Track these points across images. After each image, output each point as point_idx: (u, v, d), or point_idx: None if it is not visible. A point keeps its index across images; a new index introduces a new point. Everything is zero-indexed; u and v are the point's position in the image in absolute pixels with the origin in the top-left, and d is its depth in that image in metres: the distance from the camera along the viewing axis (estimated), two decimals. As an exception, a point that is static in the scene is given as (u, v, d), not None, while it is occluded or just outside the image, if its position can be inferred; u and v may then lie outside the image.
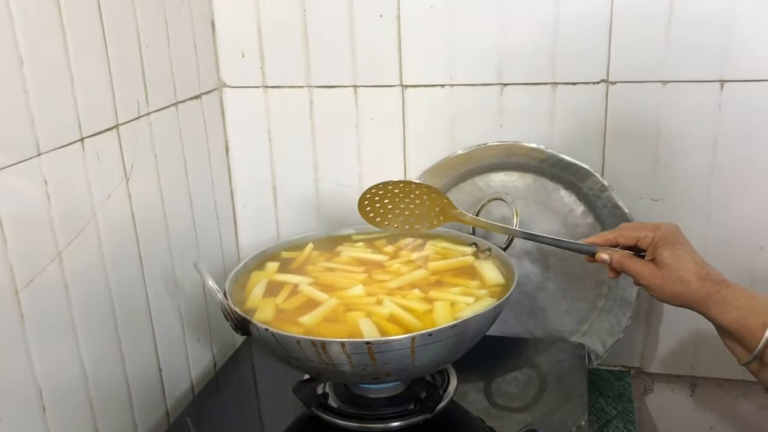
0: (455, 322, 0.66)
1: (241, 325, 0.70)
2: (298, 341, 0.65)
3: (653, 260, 0.69)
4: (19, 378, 0.61)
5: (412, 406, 0.76)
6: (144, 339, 0.81)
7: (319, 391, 0.79)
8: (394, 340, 0.64)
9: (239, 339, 0.99)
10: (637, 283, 0.71)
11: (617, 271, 0.72)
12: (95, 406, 0.71)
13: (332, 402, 0.78)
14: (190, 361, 0.90)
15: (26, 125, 0.61)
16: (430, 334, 0.64)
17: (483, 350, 0.89)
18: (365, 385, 0.78)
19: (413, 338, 0.64)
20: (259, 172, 0.99)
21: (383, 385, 0.77)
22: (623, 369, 0.95)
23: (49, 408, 0.65)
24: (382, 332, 0.67)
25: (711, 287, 0.65)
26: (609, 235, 0.73)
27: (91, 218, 0.70)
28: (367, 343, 0.64)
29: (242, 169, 1.00)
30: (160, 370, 0.84)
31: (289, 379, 0.81)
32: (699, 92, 0.82)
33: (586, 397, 0.80)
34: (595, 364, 0.90)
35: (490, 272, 0.78)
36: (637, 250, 0.71)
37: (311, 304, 0.74)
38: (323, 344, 0.64)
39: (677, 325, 0.91)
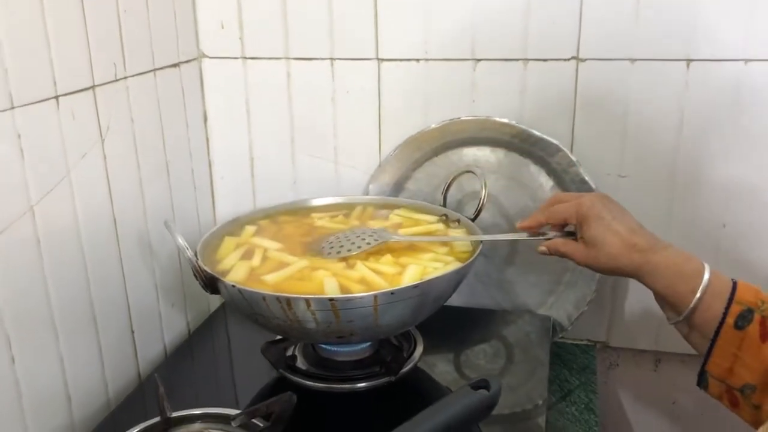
0: (417, 282, 0.67)
1: (210, 283, 0.71)
2: (264, 297, 0.67)
3: (582, 238, 0.71)
4: (-11, 326, 0.63)
5: (377, 369, 0.78)
6: (117, 301, 0.82)
7: (288, 353, 0.81)
8: (356, 297, 0.66)
9: (213, 305, 1.00)
10: (574, 261, 0.73)
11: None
12: (65, 363, 0.73)
13: (300, 364, 0.80)
14: (163, 325, 0.92)
15: (0, 78, 0.62)
16: (392, 293, 0.66)
17: (451, 320, 0.92)
18: (332, 348, 0.80)
19: (375, 296, 0.66)
20: (237, 143, 1.01)
21: (350, 348, 0.79)
22: (589, 343, 0.97)
23: (17, 355, 0.66)
24: (349, 292, 0.69)
25: (640, 258, 0.67)
26: (540, 217, 0.76)
27: (64, 176, 0.71)
28: (331, 299, 0.65)
29: (220, 140, 1.01)
30: (132, 332, 0.85)
31: (262, 343, 0.82)
32: (666, 71, 0.84)
33: (547, 367, 0.82)
34: (560, 336, 0.93)
35: (460, 241, 0.79)
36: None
37: (283, 267, 0.75)
38: (288, 300, 0.66)
39: (642, 300, 0.93)
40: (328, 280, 0.70)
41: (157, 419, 0.70)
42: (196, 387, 0.81)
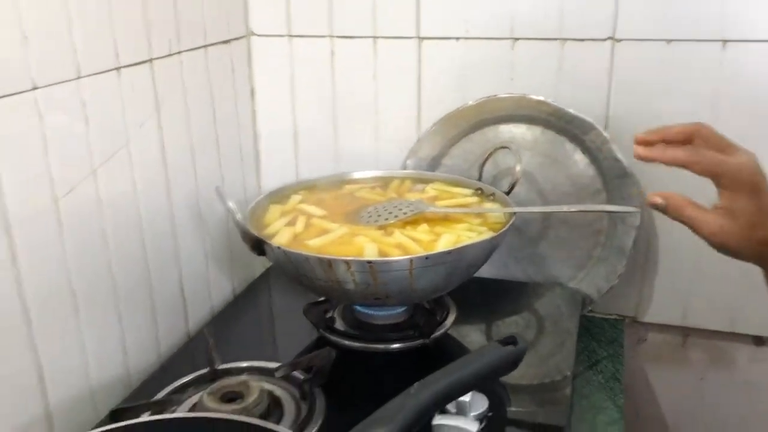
0: (451, 248, 0.71)
1: (257, 245, 0.76)
2: (307, 259, 0.71)
3: (724, 207, 0.58)
4: (56, 278, 0.68)
5: (411, 332, 0.82)
6: (169, 264, 0.87)
7: (328, 315, 0.86)
8: (393, 261, 0.70)
9: (257, 272, 1.06)
10: (696, 233, 0.60)
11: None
12: (123, 317, 0.78)
13: (339, 326, 0.85)
14: (211, 288, 0.97)
15: (69, 49, 0.67)
16: (427, 258, 0.70)
17: (483, 291, 0.95)
18: (369, 311, 0.84)
19: (411, 260, 0.70)
20: (282, 118, 1.05)
21: (386, 311, 0.83)
22: (618, 318, 0.99)
23: (82, 312, 0.72)
24: (387, 256, 0.73)
25: None
26: (680, 154, 0.60)
27: (124, 144, 0.77)
28: (369, 262, 0.70)
29: (266, 115, 1.06)
30: (183, 294, 0.91)
31: (303, 307, 0.87)
32: (701, 51, 0.86)
33: (575, 340, 0.85)
34: (590, 309, 0.95)
35: (495, 213, 0.83)
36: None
37: (325, 233, 0.80)
38: (330, 262, 0.70)
39: (672, 276, 0.95)
40: (368, 245, 0.74)
41: (205, 370, 0.75)
42: (240, 345, 0.86)
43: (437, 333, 0.82)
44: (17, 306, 0.63)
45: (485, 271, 0.95)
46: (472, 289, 0.94)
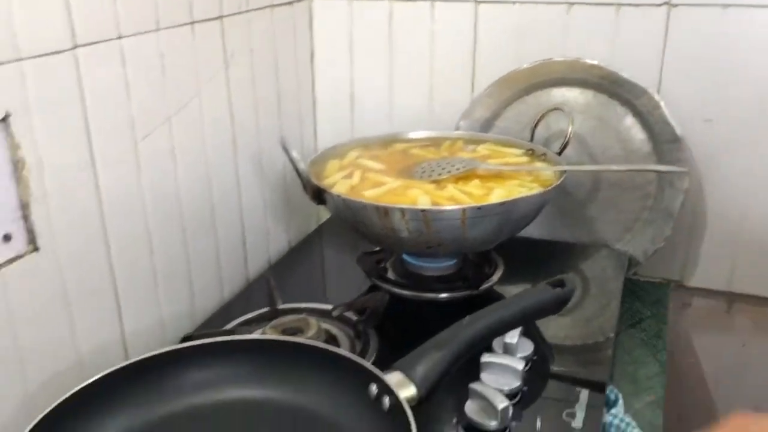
0: (503, 200, 0.74)
1: (318, 194, 0.80)
2: (365, 207, 0.75)
3: None
4: (134, 217, 0.74)
5: (460, 284, 0.85)
6: (232, 213, 0.93)
7: (381, 265, 0.90)
8: (446, 210, 0.74)
9: (312, 227, 1.10)
10: None
11: None
12: (191, 258, 0.84)
13: (390, 275, 0.89)
14: (269, 240, 1.02)
15: (151, 4, 0.72)
16: (479, 208, 0.73)
17: (530, 250, 0.98)
18: (420, 262, 0.88)
19: (464, 210, 0.73)
20: (340, 79, 1.09)
21: (436, 263, 0.87)
22: (663, 282, 1.01)
23: (156, 255, 0.77)
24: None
25: None
26: None
27: (196, 94, 0.81)
28: (423, 210, 0.73)
29: (325, 76, 1.10)
30: (244, 242, 0.96)
31: (355, 259, 0.91)
32: (758, 16, 0.86)
33: (619, 302, 0.87)
34: (635, 271, 0.97)
35: (546, 171, 0.85)
36: None
37: (381, 186, 0.84)
38: (385, 210, 0.74)
39: (719, 241, 0.96)
40: (421, 196, 0.78)
41: (266, 309, 0.80)
42: (297, 290, 0.91)
43: (485, 285, 0.85)
44: (101, 240, 0.69)
45: (533, 231, 0.98)
46: (519, 247, 0.97)
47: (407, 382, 0.54)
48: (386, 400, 0.54)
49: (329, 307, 0.78)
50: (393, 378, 0.55)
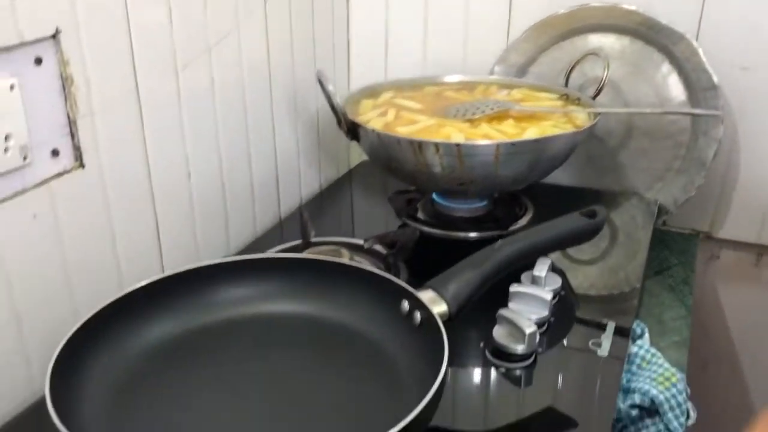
0: (537, 137, 0.75)
1: (352, 128, 0.82)
2: (399, 141, 0.76)
3: None
4: (173, 146, 0.76)
5: (489, 225, 0.86)
6: (267, 150, 0.94)
7: (411, 205, 0.91)
8: (480, 145, 0.74)
9: (343, 170, 1.12)
10: None
11: None
12: (226, 192, 0.86)
13: (420, 215, 0.90)
14: (301, 180, 1.04)
15: (193, -68, 0.73)
16: (513, 144, 0.74)
17: (560, 197, 0.98)
18: (450, 204, 0.89)
19: (498, 145, 0.74)
20: (375, 22, 1.09)
21: (466, 204, 0.88)
22: (692, 232, 1.01)
23: (194, 183, 0.79)
24: (473, 143, 0.78)
25: None
26: None
27: (235, 28, 0.83)
28: (457, 145, 0.74)
29: (360, 19, 1.10)
30: (277, 180, 0.98)
31: (384, 202, 0.92)
32: (804, -38, 0.85)
33: (647, 251, 0.87)
34: (664, 219, 0.98)
35: (579, 114, 0.86)
36: None
37: (414, 124, 0.84)
38: (420, 144, 0.75)
39: (750, 192, 0.96)
40: (455, 133, 0.79)
41: (298, 241, 0.82)
42: (328, 227, 0.93)
43: (514, 227, 0.86)
44: (143, 162, 0.71)
45: (563, 178, 0.99)
46: (549, 193, 0.98)
47: (438, 299, 0.56)
48: (417, 316, 0.56)
49: (360, 241, 0.80)
50: (425, 295, 0.56)
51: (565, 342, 0.66)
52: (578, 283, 0.78)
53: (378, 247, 0.79)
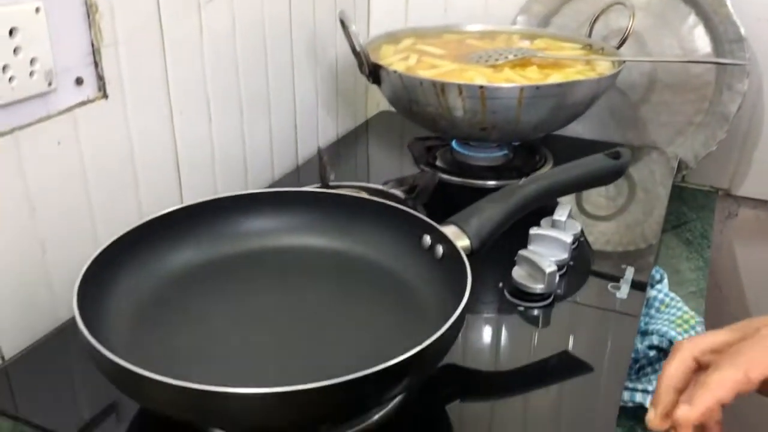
0: (562, 81, 0.74)
1: (374, 71, 0.81)
2: (421, 83, 0.76)
3: None
4: (195, 80, 0.75)
5: (509, 173, 0.86)
6: (286, 94, 0.94)
7: (430, 153, 0.91)
8: (504, 87, 0.74)
9: (360, 119, 1.11)
10: None
11: None
12: (246, 132, 0.86)
13: (439, 164, 0.90)
14: (319, 128, 1.04)
15: None
16: (537, 88, 0.73)
17: (580, 150, 0.97)
18: (469, 152, 0.88)
19: (522, 89, 0.73)
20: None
21: (485, 153, 0.88)
22: (711, 189, 1.00)
23: (214, 124, 0.79)
24: (495, 87, 0.77)
25: None
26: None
27: (257, -33, 0.82)
28: (481, 87, 0.73)
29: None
30: (295, 126, 0.97)
31: (403, 153, 0.92)
32: None
33: (665, 207, 0.86)
34: (684, 174, 0.97)
35: (603, 62, 0.84)
36: None
37: (436, 68, 0.84)
38: (443, 86, 0.74)
39: (772, 150, 0.95)
40: (478, 77, 0.78)
41: (317, 185, 0.82)
42: (347, 172, 0.93)
43: (533, 175, 0.86)
44: (164, 96, 0.71)
45: (583, 131, 0.98)
46: (569, 146, 0.97)
47: (461, 234, 0.56)
48: (439, 250, 0.56)
49: (379, 185, 0.80)
50: (447, 230, 0.56)
51: (583, 285, 0.67)
52: (594, 239, 0.78)
53: (397, 192, 0.79)
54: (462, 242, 0.55)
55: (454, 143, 0.90)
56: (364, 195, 0.74)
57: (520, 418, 0.52)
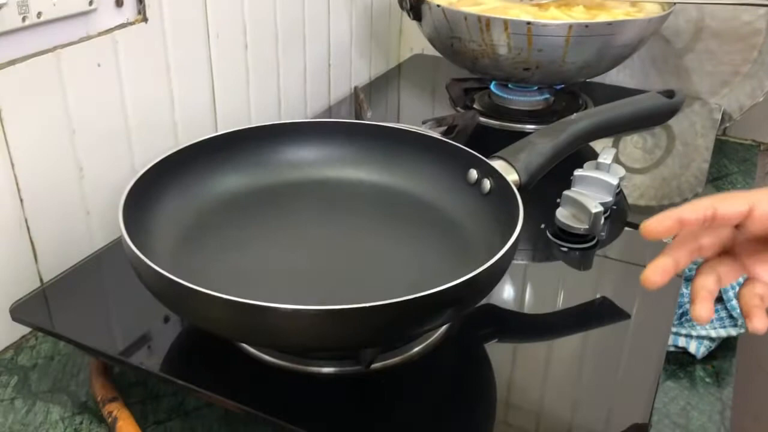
0: (611, 20, 0.71)
1: (415, 5, 0.79)
2: (465, 17, 0.73)
3: None
4: (232, 11, 0.73)
5: (549, 117, 0.84)
6: (321, 33, 0.91)
7: (468, 95, 0.89)
8: (552, 24, 0.71)
9: (393, 63, 1.09)
10: None
11: None
12: (281, 74, 0.84)
13: (477, 106, 0.88)
14: (352, 69, 1.02)
15: None
16: (586, 26, 0.71)
17: (620, 97, 0.95)
18: (510, 96, 0.86)
19: (570, 26, 0.71)
20: None
21: (525, 97, 0.85)
22: (753, 143, 0.98)
23: (250, 52, 0.77)
24: (541, 26, 0.74)
25: None
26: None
27: None
28: (528, 23, 0.71)
29: None
30: (329, 66, 0.95)
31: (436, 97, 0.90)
32: None
33: (708, 161, 0.84)
34: (727, 126, 0.94)
35: (650, 5, 0.82)
36: None
37: (480, 5, 0.81)
38: (488, 21, 0.72)
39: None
40: (524, 14, 0.76)
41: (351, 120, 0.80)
42: (379, 115, 0.91)
43: (585, 111, 0.83)
44: (203, 22, 0.69)
45: (625, 80, 0.95)
46: (610, 94, 0.94)
47: (509, 168, 0.54)
48: (486, 184, 0.55)
49: (416, 127, 0.78)
50: (495, 164, 0.55)
51: (627, 231, 0.65)
52: (629, 192, 0.76)
53: (435, 133, 0.77)
54: (511, 177, 0.54)
55: (493, 86, 0.88)
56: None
57: (557, 361, 0.51)
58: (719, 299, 0.59)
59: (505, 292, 0.57)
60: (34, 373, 0.53)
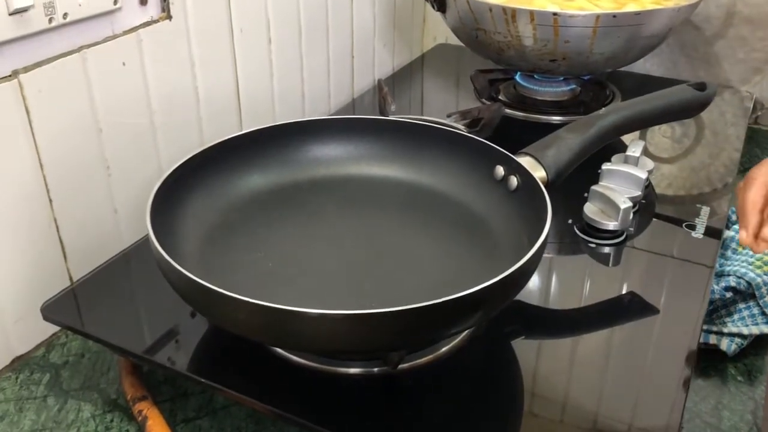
0: (639, 9, 0.70)
1: (439, -3, 0.78)
2: (491, 8, 0.72)
3: None
4: (256, 13, 0.73)
5: (575, 109, 0.83)
6: (344, 25, 0.91)
7: (493, 86, 0.88)
8: (579, 15, 0.70)
9: (416, 53, 1.08)
10: None
11: None
12: (304, 65, 0.84)
13: (502, 97, 0.87)
14: (375, 61, 1.01)
15: None
16: (614, 16, 0.69)
17: (649, 89, 0.92)
18: (535, 87, 0.85)
19: (598, 16, 0.69)
20: None
21: (551, 88, 0.84)
22: (785, 132, 0.96)
23: (273, 45, 0.77)
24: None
25: None
26: None
27: None
28: (555, 13, 0.70)
29: None
30: (352, 57, 0.95)
31: (459, 87, 0.89)
32: None
33: (740, 151, 0.82)
34: (758, 114, 0.92)
35: (680, -6, 0.80)
36: None
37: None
38: (513, 12, 0.71)
39: None
40: (550, 5, 0.74)
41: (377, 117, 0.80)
42: (403, 107, 0.91)
43: (614, 105, 0.82)
44: (226, 19, 0.69)
45: (653, 68, 0.93)
46: (638, 83, 0.93)
47: (536, 165, 0.54)
48: (513, 181, 0.54)
49: (441, 120, 0.77)
50: (523, 161, 0.54)
51: (655, 225, 0.64)
52: (657, 182, 0.74)
53: (459, 126, 0.76)
54: (538, 174, 0.53)
55: (518, 76, 0.86)
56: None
57: (585, 358, 0.51)
58: (752, 296, 0.58)
59: (532, 289, 0.56)
60: (66, 371, 0.54)
